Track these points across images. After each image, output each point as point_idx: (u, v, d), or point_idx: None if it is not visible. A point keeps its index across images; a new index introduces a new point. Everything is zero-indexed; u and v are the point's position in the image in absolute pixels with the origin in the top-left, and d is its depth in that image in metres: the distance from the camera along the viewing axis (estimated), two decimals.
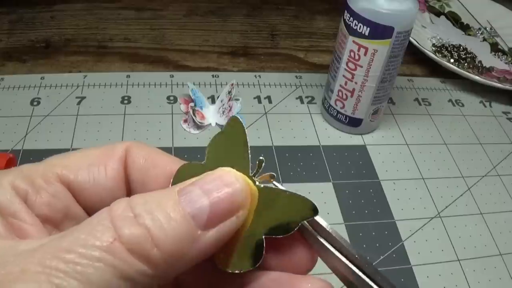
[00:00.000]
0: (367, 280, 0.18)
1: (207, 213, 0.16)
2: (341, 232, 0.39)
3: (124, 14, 0.62)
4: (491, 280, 0.38)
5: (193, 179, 0.17)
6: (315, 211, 0.18)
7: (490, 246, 0.40)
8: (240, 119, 0.21)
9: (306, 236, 0.19)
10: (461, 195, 0.44)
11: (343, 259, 0.18)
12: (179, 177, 0.19)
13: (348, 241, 0.38)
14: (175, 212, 0.16)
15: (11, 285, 0.13)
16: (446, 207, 0.42)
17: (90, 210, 0.20)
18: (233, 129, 0.20)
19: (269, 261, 0.19)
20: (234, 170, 0.18)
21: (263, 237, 0.18)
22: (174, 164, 0.20)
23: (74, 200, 0.19)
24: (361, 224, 0.40)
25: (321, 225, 0.19)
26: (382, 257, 0.38)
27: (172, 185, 0.20)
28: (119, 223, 0.15)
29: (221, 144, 0.20)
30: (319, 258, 0.19)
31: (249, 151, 0.20)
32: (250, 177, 0.19)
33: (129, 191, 0.21)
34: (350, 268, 0.18)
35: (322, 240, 0.18)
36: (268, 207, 0.18)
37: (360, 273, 0.18)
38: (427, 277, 0.37)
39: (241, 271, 0.18)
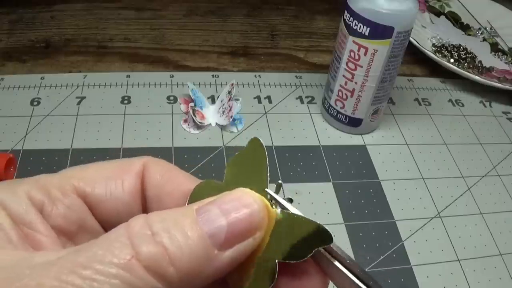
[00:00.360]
0: None
1: (225, 233, 0.16)
2: (341, 232, 0.39)
3: (124, 14, 0.62)
4: (491, 280, 0.38)
5: (211, 198, 0.17)
6: (329, 239, 0.18)
7: (490, 246, 0.40)
8: (261, 141, 0.20)
9: (318, 258, 0.19)
10: (461, 195, 0.44)
11: (357, 281, 0.18)
12: (196, 195, 0.19)
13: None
14: (193, 231, 0.16)
15: None
16: (446, 207, 0.43)
17: (105, 223, 0.20)
18: (253, 151, 0.20)
19: (281, 286, 0.19)
20: (253, 191, 0.18)
21: (277, 261, 0.18)
22: (190, 182, 0.20)
23: (89, 213, 0.19)
24: (361, 224, 0.40)
25: (331, 247, 0.18)
26: (382, 257, 0.38)
27: (188, 203, 0.19)
28: (137, 240, 0.15)
29: (240, 164, 0.20)
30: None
31: (268, 174, 0.20)
32: (268, 201, 0.19)
33: (145, 207, 0.21)
34: None
35: (334, 262, 0.18)
36: (283, 231, 0.18)
37: None
38: (427, 277, 0.37)
39: None
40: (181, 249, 0.15)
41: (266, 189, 0.19)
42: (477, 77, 0.55)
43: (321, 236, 0.18)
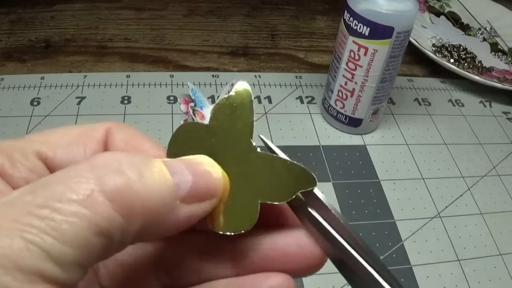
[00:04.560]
0: (360, 259, 0.18)
1: (189, 187, 0.16)
2: None
3: (124, 14, 0.62)
4: (491, 280, 0.38)
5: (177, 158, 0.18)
6: (313, 182, 0.18)
7: (490, 246, 0.40)
8: (248, 88, 0.21)
9: (297, 210, 0.19)
10: (461, 195, 0.44)
11: (338, 236, 0.18)
12: (178, 139, 0.20)
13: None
14: (161, 173, 0.16)
15: None
16: (446, 207, 0.42)
17: None
18: (239, 95, 0.21)
19: (262, 239, 0.19)
20: (214, 161, 0.18)
21: (259, 202, 0.18)
22: (156, 150, 0.20)
23: None
24: (361, 224, 0.40)
25: (314, 197, 0.18)
26: (382, 257, 0.38)
27: (168, 145, 0.20)
28: (102, 171, 0.15)
29: (226, 107, 0.21)
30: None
31: (253, 120, 0.20)
32: (251, 143, 0.20)
33: None
34: (345, 247, 0.18)
35: (315, 215, 0.18)
36: (266, 173, 0.19)
37: (354, 253, 0.18)
38: (427, 277, 0.37)
39: (234, 234, 0.18)
40: (148, 186, 0.15)
41: (252, 140, 0.20)
42: (477, 77, 0.55)
43: (305, 178, 0.18)
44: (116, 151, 0.16)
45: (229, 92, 0.21)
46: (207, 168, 0.18)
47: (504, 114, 0.55)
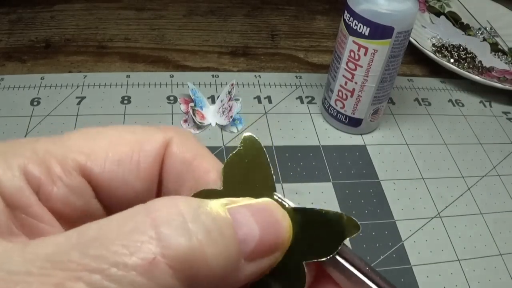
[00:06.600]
0: None
1: (255, 243, 0.14)
2: None
3: (124, 14, 0.62)
4: (491, 280, 0.38)
5: (240, 199, 0.15)
6: (357, 228, 0.16)
7: (490, 246, 0.40)
8: (256, 137, 0.18)
9: (330, 266, 0.17)
10: (461, 195, 0.44)
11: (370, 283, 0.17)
12: None
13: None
14: (228, 229, 0.13)
15: None
16: (446, 207, 0.43)
17: (110, 208, 0.17)
18: (248, 149, 0.18)
19: None
20: (279, 206, 0.16)
21: (304, 263, 0.16)
22: (215, 173, 0.17)
23: (94, 196, 0.16)
24: (361, 224, 0.40)
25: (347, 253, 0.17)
26: (382, 257, 0.38)
27: None
28: (165, 229, 0.12)
29: (237, 166, 0.18)
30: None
31: (272, 173, 0.18)
32: (278, 202, 0.17)
33: (160, 193, 0.17)
34: None
35: (348, 267, 0.17)
36: (305, 229, 0.17)
37: None
38: (427, 277, 0.37)
39: None
40: (217, 249, 0.13)
41: (275, 193, 0.17)
42: (477, 77, 0.55)
43: (348, 226, 0.16)
44: (176, 196, 0.13)
45: (229, 93, 0.20)
46: (277, 216, 0.15)
47: (504, 114, 0.55)
